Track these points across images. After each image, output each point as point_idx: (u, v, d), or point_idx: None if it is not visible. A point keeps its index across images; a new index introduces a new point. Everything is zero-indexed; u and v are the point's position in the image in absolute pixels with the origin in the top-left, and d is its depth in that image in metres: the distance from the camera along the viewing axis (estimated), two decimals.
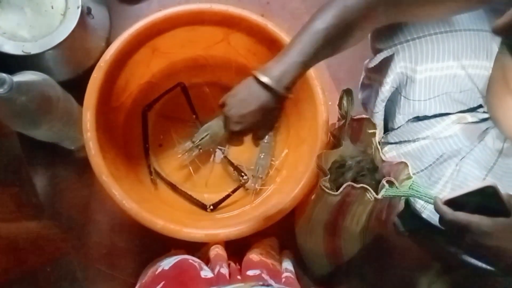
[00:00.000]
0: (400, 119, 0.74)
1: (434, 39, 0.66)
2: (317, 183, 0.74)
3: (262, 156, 0.91)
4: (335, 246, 0.81)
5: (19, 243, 0.60)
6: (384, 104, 0.73)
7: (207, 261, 0.70)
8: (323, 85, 0.79)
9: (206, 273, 0.63)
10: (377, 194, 0.61)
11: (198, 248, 0.80)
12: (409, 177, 0.61)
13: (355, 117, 0.72)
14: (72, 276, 0.77)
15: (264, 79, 0.56)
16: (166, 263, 0.66)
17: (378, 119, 0.75)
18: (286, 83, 0.57)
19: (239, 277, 0.65)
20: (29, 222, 0.71)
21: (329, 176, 0.65)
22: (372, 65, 0.73)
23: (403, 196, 0.60)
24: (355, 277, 0.95)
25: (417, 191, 0.58)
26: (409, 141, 0.73)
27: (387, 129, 0.79)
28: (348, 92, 0.68)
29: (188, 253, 0.75)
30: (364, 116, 0.71)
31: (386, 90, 0.71)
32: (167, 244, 0.85)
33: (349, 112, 0.70)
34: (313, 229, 0.79)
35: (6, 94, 0.60)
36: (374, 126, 0.70)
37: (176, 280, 0.61)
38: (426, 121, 0.72)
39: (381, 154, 0.68)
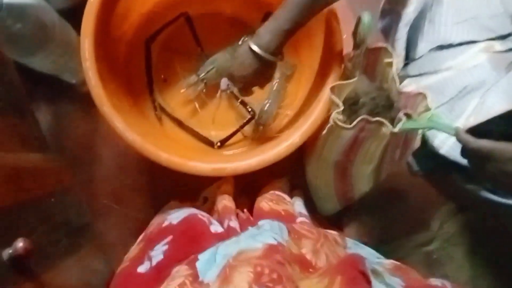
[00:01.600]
0: (422, 47, 0.69)
1: None
2: (327, 119, 0.70)
3: (268, 103, 0.86)
4: (345, 184, 0.79)
5: (20, 173, 0.59)
6: (407, 29, 0.68)
7: (214, 212, 0.68)
8: (337, 14, 0.73)
9: (215, 227, 0.62)
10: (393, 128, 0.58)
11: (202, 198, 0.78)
12: (428, 109, 0.57)
13: (371, 47, 0.67)
14: (78, 208, 0.77)
15: (254, 47, 0.62)
16: (174, 217, 0.64)
17: (400, 46, 0.70)
18: (273, 50, 0.63)
19: (250, 227, 0.63)
20: (32, 154, 0.69)
21: (342, 108, 0.61)
22: None
23: (421, 128, 0.56)
24: (365, 216, 0.94)
25: (436, 122, 0.54)
26: (430, 73, 0.69)
27: (407, 60, 0.74)
28: (365, 18, 0.62)
29: (192, 204, 0.73)
30: (381, 44, 0.66)
31: (410, 11, 0.65)
32: (174, 182, 0.84)
33: (365, 40, 0.64)
34: (323, 167, 0.77)
35: None
36: (391, 55, 0.65)
37: (185, 235, 0.60)
38: (450, 50, 0.67)
39: (397, 85, 0.63)
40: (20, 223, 0.53)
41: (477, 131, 0.48)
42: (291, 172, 0.87)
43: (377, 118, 0.57)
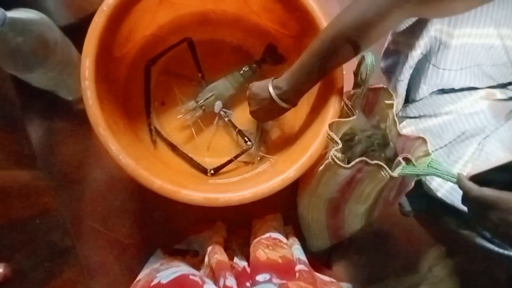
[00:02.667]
0: (424, 90, 0.70)
1: None
2: (325, 153, 0.70)
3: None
4: (337, 221, 0.78)
5: (7, 191, 0.57)
6: (411, 71, 0.68)
7: (207, 267, 0.66)
8: None
9: (209, 287, 0.58)
10: (390, 171, 0.57)
11: (197, 232, 0.76)
12: (427, 154, 0.57)
13: (371, 86, 0.68)
14: (63, 230, 0.74)
15: (271, 90, 0.67)
16: (164, 276, 0.61)
17: (402, 87, 0.71)
18: (288, 99, 0.67)
19: (248, 284, 0.61)
20: (19, 171, 0.67)
21: (340, 146, 0.61)
22: (403, 26, 0.67)
23: (421, 174, 0.56)
24: (355, 254, 0.92)
25: (436, 169, 0.54)
26: (430, 115, 0.69)
27: (407, 101, 0.75)
28: (368, 58, 0.63)
29: (188, 236, 0.70)
30: (381, 85, 0.67)
31: (416, 54, 0.66)
32: (164, 209, 0.82)
33: (367, 80, 0.65)
34: (317, 202, 0.76)
35: None
36: (391, 96, 0.65)
37: None
38: (451, 94, 0.68)
39: (398, 127, 0.63)
40: (2, 245, 0.51)
41: (479, 178, 0.47)
42: (283, 204, 0.86)
43: (376, 162, 0.57)
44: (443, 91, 0.71)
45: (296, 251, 0.70)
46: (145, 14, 0.76)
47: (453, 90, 0.69)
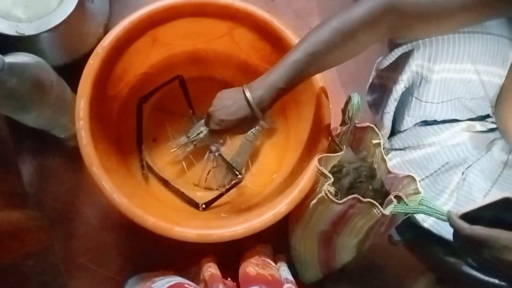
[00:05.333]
0: (408, 121, 0.72)
1: (456, 38, 0.65)
2: (314, 187, 0.72)
3: (239, 153, 0.88)
4: (329, 253, 0.79)
5: (1, 233, 0.57)
6: (396, 103, 0.71)
7: (201, 282, 0.67)
8: (326, 88, 0.77)
9: None
10: (381, 207, 0.59)
11: (186, 268, 0.77)
12: (417, 192, 0.59)
13: (358, 125, 0.70)
14: (55, 271, 0.74)
15: (248, 95, 0.62)
16: (159, 286, 0.62)
17: (388, 119, 0.74)
18: (264, 105, 0.62)
19: None
20: (11, 211, 0.68)
21: (332, 180, 0.63)
22: (387, 62, 0.71)
23: (412, 212, 0.58)
24: (346, 285, 0.93)
25: (427, 206, 0.56)
26: (414, 147, 0.72)
27: (393, 132, 0.77)
28: (355, 98, 0.66)
29: (178, 272, 0.71)
30: (368, 124, 0.69)
31: (400, 88, 0.69)
32: (156, 244, 0.82)
33: (353, 118, 0.67)
34: (309, 235, 0.77)
35: None
36: (378, 136, 0.68)
37: None
38: (434, 126, 0.71)
39: (387, 165, 0.65)
40: None
41: (469, 215, 0.49)
42: (274, 237, 0.87)
43: (369, 200, 0.59)
44: (426, 123, 0.73)
45: (284, 272, 0.71)
46: (138, 55, 0.79)
47: (435, 122, 0.72)
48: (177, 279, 0.63)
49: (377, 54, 0.77)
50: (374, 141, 0.67)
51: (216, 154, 0.88)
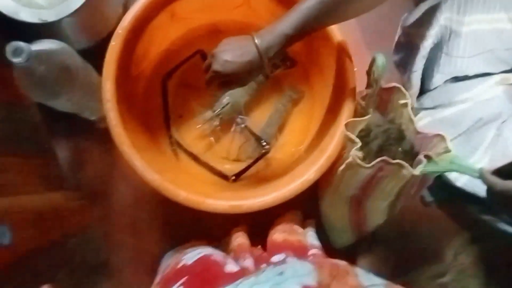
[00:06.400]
0: (438, 78, 0.70)
1: None
2: (342, 153, 0.71)
3: (269, 124, 0.89)
4: (360, 217, 0.79)
5: (43, 215, 0.60)
6: (424, 61, 0.69)
7: (230, 251, 0.69)
8: (350, 51, 0.75)
9: (231, 267, 0.62)
10: (411, 168, 0.58)
11: (219, 238, 0.79)
12: (447, 151, 0.58)
13: (384, 86, 0.69)
14: (97, 247, 0.78)
15: (258, 41, 0.60)
16: (189, 257, 0.65)
17: (416, 78, 0.71)
18: (272, 53, 0.60)
19: (264, 265, 0.63)
20: (52, 193, 0.71)
21: (360, 145, 0.62)
22: (414, 18, 0.68)
23: (443, 171, 0.56)
24: (379, 248, 0.94)
25: (459, 165, 0.54)
26: (445, 105, 0.69)
27: (422, 91, 0.75)
28: (379, 59, 0.64)
29: (210, 244, 0.73)
30: (394, 85, 0.67)
31: (428, 44, 0.66)
32: (190, 216, 0.84)
33: (379, 80, 0.66)
34: (339, 200, 0.77)
35: (25, 63, 0.58)
36: (405, 96, 0.66)
37: (199, 276, 0.60)
38: (466, 82, 0.68)
39: (415, 126, 0.64)
40: (43, 268, 0.54)
41: (502, 171, 0.48)
42: (303, 205, 0.88)
43: (398, 161, 0.58)
44: (457, 79, 0.71)
45: (310, 237, 0.72)
46: (158, 31, 0.79)
47: (467, 78, 0.69)
48: (206, 250, 0.65)
49: (403, 11, 0.74)
50: (401, 102, 0.65)
51: (242, 126, 0.89)
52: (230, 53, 0.62)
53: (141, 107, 0.82)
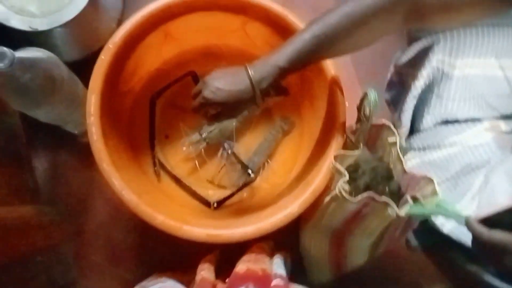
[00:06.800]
0: (428, 120, 0.69)
1: (479, 31, 0.61)
2: (327, 187, 0.69)
3: (258, 152, 0.87)
4: (340, 254, 0.76)
5: (10, 229, 0.57)
6: (415, 101, 0.68)
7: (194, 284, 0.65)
8: (342, 85, 0.74)
9: None
10: (398, 210, 0.57)
11: (194, 266, 0.76)
12: (434, 193, 0.56)
13: (374, 123, 0.68)
14: (65, 267, 0.74)
15: (251, 72, 0.58)
16: None
17: (407, 118, 0.70)
18: (264, 85, 0.59)
19: None
20: (23, 206, 0.68)
21: (347, 178, 0.61)
22: (406, 58, 0.67)
23: (429, 214, 0.55)
24: None
25: (445, 208, 0.53)
26: (434, 147, 0.68)
27: (412, 131, 0.74)
28: (371, 95, 0.63)
29: (174, 275, 0.70)
30: (384, 122, 0.67)
31: (419, 84, 0.66)
32: (167, 241, 0.81)
33: (370, 116, 0.65)
34: (320, 232, 0.75)
35: (7, 69, 0.56)
36: (394, 134, 0.65)
37: None
38: (456, 125, 0.67)
39: (404, 165, 0.63)
40: (6, 284, 0.50)
41: (488, 220, 0.46)
42: (283, 236, 0.85)
43: (384, 199, 0.56)
44: (447, 122, 0.70)
45: (275, 265, 0.68)
46: (150, 50, 0.78)
47: (457, 121, 0.69)
48: (167, 284, 0.62)
49: (396, 49, 0.74)
50: (390, 140, 0.64)
51: (229, 152, 0.87)
52: (222, 81, 0.60)
53: (127, 124, 0.80)
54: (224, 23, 0.80)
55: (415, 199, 0.55)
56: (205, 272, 0.64)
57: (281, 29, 0.76)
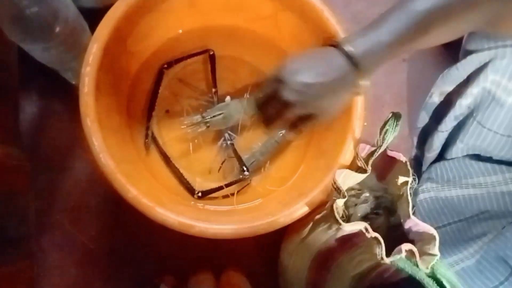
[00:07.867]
0: (459, 149, 0.61)
1: None
2: (322, 204, 0.63)
3: (262, 151, 0.80)
4: (319, 277, 0.69)
5: None
6: (455, 122, 0.60)
7: None
8: (365, 101, 0.68)
9: None
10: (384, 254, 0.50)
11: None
12: (433, 254, 0.49)
13: (390, 154, 0.61)
14: (21, 217, 0.68)
15: (351, 48, 0.45)
16: None
17: (440, 140, 0.62)
18: (370, 63, 0.45)
19: None
20: None
21: (346, 199, 0.54)
22: (457, 71, 0.59)
23: (414, 277, 0.49)
24: None
25: (440, 272, 0.47)
26: (455, 183, 0.61)
27: (436, 158, 0.67)
28: (396, 117, 0.56)
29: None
30: (401, 157, 0.59)
31: (466, 103, 0.57)
32: (141, 221, 0.75)
33: (387, 140, 0.58)
34: (301, 251, 0.68)
35: None
36: (408, 173, 0.57)
37: None
38: (487, 164, 0.60)
39: (410, 210, 0.55)
40: None
41: None
42: (262, 250, 0.78)
43: (376, 235, 0.50)
44: (478, 157, 0.62)
45: None
46: (170, 16, 0.73)
47: (490, 159, 0.61)
48: None
49: (429, 80, 0.67)
50: (402, 179, 0.57)
51: (229, 143, 0.80)
52: (308, 73, 0.46)
53: (128, 87, 0.75)
54: (256, 6, 0.74)
55: (410, 254, 0.49)
56: None
57: (313, 25, 0.70)
